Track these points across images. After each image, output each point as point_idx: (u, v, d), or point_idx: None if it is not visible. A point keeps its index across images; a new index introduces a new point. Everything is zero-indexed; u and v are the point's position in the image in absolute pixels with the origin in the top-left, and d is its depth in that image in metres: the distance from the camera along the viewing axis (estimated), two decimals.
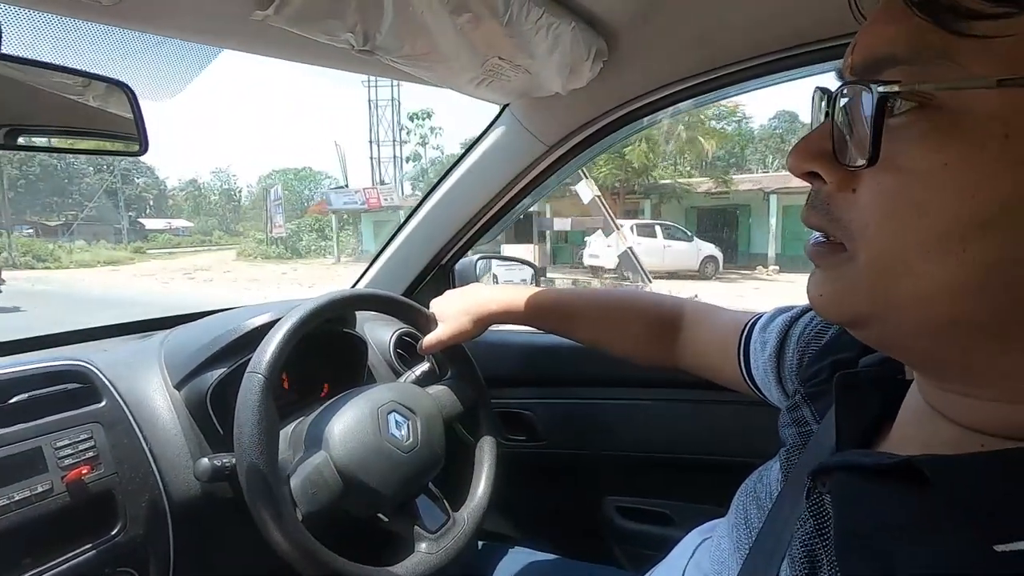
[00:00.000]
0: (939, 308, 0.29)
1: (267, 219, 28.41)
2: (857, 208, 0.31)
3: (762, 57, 0.79)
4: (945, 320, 0.29)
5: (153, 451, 0.78)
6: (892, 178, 0.29)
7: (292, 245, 25.88)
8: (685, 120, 17.43)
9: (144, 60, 0.64)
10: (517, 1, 0.64)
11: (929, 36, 0.27)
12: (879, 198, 0.30)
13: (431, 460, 0.85)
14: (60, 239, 30.80)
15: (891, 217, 0.29)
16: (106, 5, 0.50)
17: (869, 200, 0.31)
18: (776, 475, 0.49)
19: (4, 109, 0.60)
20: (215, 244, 36.82)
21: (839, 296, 0.33)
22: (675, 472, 1.13)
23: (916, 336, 0.31)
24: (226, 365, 0.85)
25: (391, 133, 27.22)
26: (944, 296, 0.29)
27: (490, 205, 1.15)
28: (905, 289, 0.30)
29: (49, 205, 38.54)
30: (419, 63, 0.71)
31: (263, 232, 29.76)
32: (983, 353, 0.30)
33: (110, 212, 38.81)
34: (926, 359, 0.34)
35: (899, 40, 0.29)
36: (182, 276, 19.25)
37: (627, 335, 0.85)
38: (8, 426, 0.68)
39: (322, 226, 27.02)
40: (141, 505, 0.75)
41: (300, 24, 0.58)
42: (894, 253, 0.30)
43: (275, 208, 27.42)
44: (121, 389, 0.80)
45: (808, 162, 0.34)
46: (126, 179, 39.43)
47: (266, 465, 0.67)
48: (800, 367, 0.59)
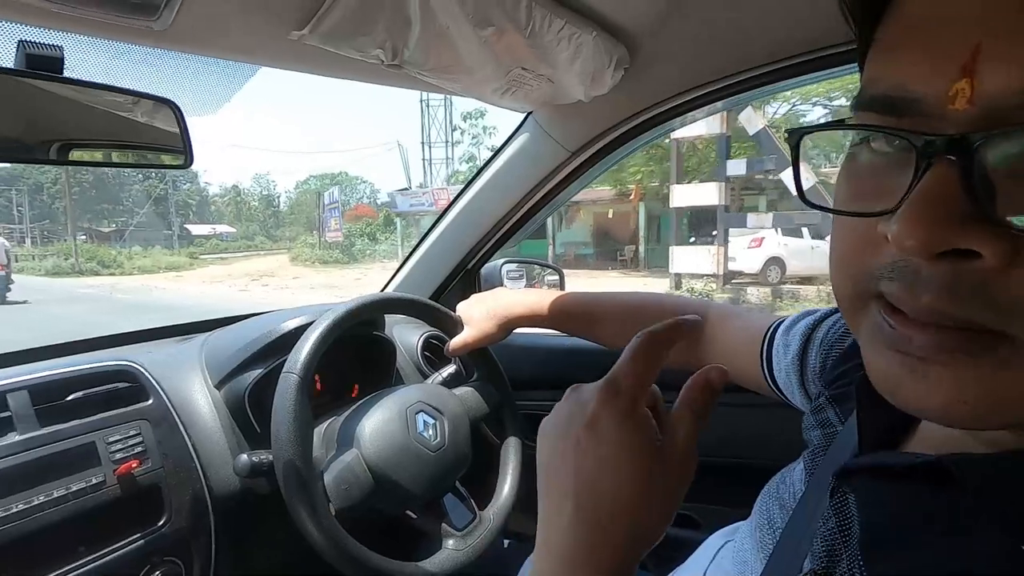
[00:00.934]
0: None
1: (320, 223, 28.24)
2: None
3: (781, 62, 0.79)
4: None
5: (196, 447, 0.82)
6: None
7: (346, 249, 25.72)
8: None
9: (189, 78, 0.68)
10: (539, 13, 0.66)
11: None
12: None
13: (458, 459, 0.87)
14: (113, 245, 31.57)
15: None
16: (157, 31, 0.55)
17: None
18: (799, 476, 0.48)
19: (60, 127, 0.65)
20: (259, 249, 37.27)
21: (1008, 402, 0.25)
22: (701, 475, 1.12)
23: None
24: (263, 366, 0.89)
25: (443, 134, 26.48)
26: None
27: (515, 210, 1.17)
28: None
29: (101, 212, 39.82)
30: (444, 75, 0.74)
31: (311, 236, 29.73)
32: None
33: (159, 218, 39.72)
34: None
35: None
36: (249, 281, 18.68)
37: None
38: (66, 422, 0.73)
39: (372, 230, 27.00)
40: (185, 498, 0.79)
41: (333, 42, 0.62)
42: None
43: (329, 212, 27.37)
44: (166, 388, 0.84)
45: (957, 234, 0.23)
46: (173, 186, 40.57)
47: (301, 461, 0.71)
48: (823, 370, 0.58)
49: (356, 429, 0.79)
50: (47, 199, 38.98)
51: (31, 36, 0.53)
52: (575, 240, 19.62)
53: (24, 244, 33.43)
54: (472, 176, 1.19)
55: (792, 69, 0.79)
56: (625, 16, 0.76)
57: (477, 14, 0.63)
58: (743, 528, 0.53)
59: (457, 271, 1.29)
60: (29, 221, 36.48)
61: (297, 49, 0.63)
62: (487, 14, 0.64)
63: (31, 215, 36.93)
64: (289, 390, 0.73)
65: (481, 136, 27.25)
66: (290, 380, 0.74)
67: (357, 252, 25.46)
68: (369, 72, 0.73)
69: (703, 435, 1.12)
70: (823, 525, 0.37)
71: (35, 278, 21.16)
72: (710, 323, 0.81)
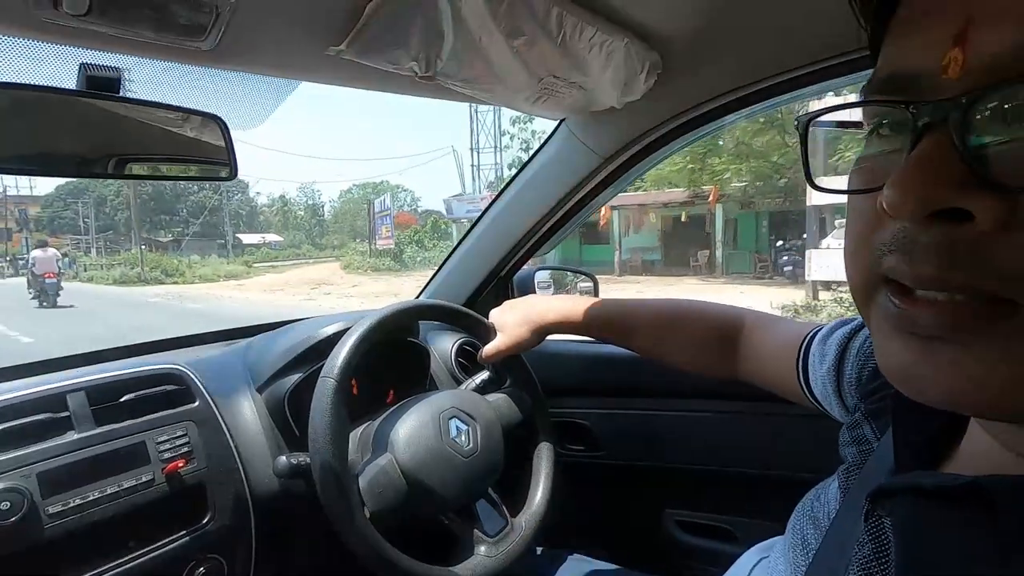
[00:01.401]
0: None
1: (370, 231, 28.25)
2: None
3: (813, 65, 0.77)
4: None
5: (238, 448, 0.85)
6: None
7: (396, 256, 25.70)
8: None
9: (234, 94, 0.71)
10: (570, 21, 0.67)
11: None
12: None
13: (490, 465, 0.87)
14: (171, 254, 32.77)
15: None
16: (205, 51, 0.58)
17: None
18: (834, 494, 0.46)
19: (118, 142, 0.69)
20: (307, 257, 38.03)
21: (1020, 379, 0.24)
22: (738, 487, 1.10)
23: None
24: (302, 371, 0.91)
25: (491, 139, 26.32)
26: None
27: (547, 217, 1.17)
28: None
29: (158, 223, 41.52)
30: (477, 85, 0.75)
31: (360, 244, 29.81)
32: None
33: (212, 228, 41.13)
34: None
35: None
36: (309, 290, 18.28)
37: (686, 345, 0.84)
38: (120, 422, 0.77)
39: (420, 237, 27.03)
40: (228, 498, 0.82)
41: (369, 56, 0.64)
42: None
43: (380, 220, 27.23)
44: (211, 391, 0.88)
45: (950, 194, 0.24)
46: (227, 196, 41.91)
47: (338, 463, 0.72)
48: (859, 382, 0.56)
49: (391, 433, 0.81)
50: (110, 211, 40.97)
51: (91, 59, 0.57)
52: (642, 245, 18.80)
53: (90, 254, 35.09)
54: (506, 183, 1.20)
55: (828, 71, 0.77)
56: (657, 22, 0.76)
57: (508, 24, 0.64)
58: (778, 546, 0.52)
59: (490, 278, 1.30)
60: (95, 232, 38.31)
61: (335, 64, 0.65)
62: (518, 24, 0.65)
63: (96, 226, 38.78)
64: (326, 393, 0.75)
65: (530, 141, 26.66)
66: (327, 384, 0.76)
67: (407, 259, 25.53)
68: (404, 84, 0.75)
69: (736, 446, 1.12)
70: (858, 551, 0.35)
71: (104, 287, 21.87)
72: (746, 331, 0.80)
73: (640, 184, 19.32)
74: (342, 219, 49.51)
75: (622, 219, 18.16)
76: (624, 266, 17.69)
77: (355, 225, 46.86)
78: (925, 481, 0.32)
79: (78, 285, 21.98)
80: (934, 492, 0.30)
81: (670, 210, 17.53)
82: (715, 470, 1.12)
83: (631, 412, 1.21)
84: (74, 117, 0.64)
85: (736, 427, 1.09)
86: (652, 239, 18.76)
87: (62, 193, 40.59)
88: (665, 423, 1.17)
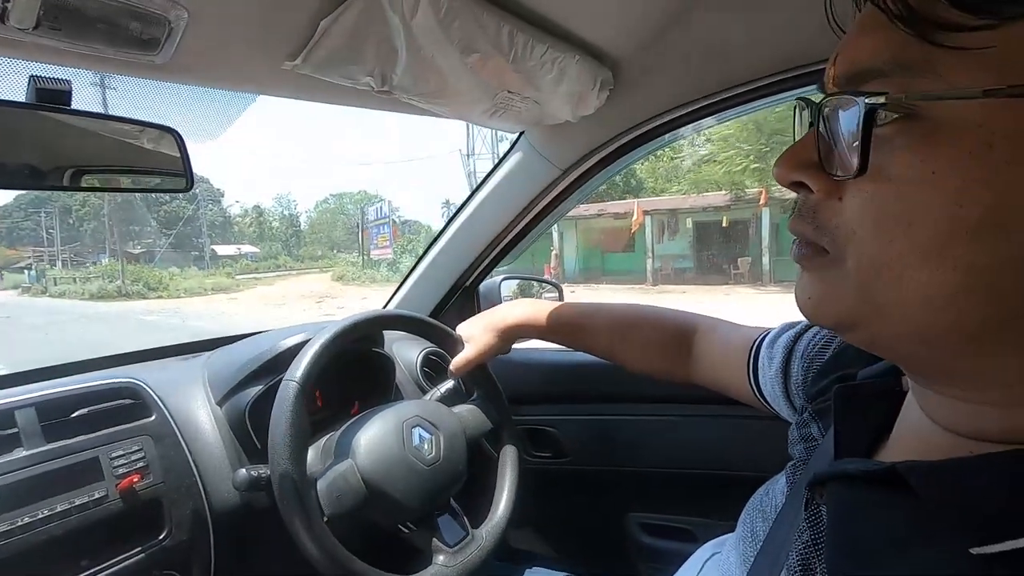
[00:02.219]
0: (926, 314, 0.29)
1: (363, 240, 26.71)
2: (843, 216, 0.32)
3: (760, 80, 0.82)
4: (933, 325, 0.30)
5: (197, 462, 0.84)
6: (879, 187, 0.30)
7: (392, 265, 24.20)
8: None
9: (191, 108, 0.71)
10: (521, 39, 0.70)
11: (911, 48, 0.28)
12: (867, 206, 0.30)
13: (452, 475, 0.88)
14: (145, 266, 30.15)
15: (879, 225, 0.30)
16: (159, 64, 0.58)
17: (856, 208, 0.31)
18: (782, 488, 0.49)
19: (71, 155, 0.69)
20: (287, 268, 36.54)
21: (827, 299, 0.34)
22: (699, 487, 1.13)
23: (904, 340, 0.32)
24: (263, 383, 0.91)
25: (488, 145, 24.56)
26: (931, 302, 0.29)
27: (510, 228, 1.20)
28: (892, 295, 0.30)
29: (127, 233, 38.37)
30: (433, 99, 0.77)
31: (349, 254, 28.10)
32: (972, 358, 0.30)
33: (186, 239, 38.85)
34: (915, 363, 0.34)
35: (882, 53, 0.29)
36: (313, 303, 16.77)
37: (641, 348, 0.87)
38: (71, 437, 0.75)
39: (415, 247, 25.53)
40: (186, 512, 0.80)
41: (324, 71, 0.65)
42: (882, 260, 0.30)
43: (377, 228, 26.04)
44: (169, 405, 0.87)
45: (795, 172, 0.34)
46: (198, 206, 39.90)
47: (296, 470, 0.72)
48: (806, 383, 0.59)
49: (352, 441, 0.81)
50: (75, 221, 38.67)
51: (41, 71, 0.57)
52: (675, 252, 17.37)
53: (55, 266, 32.78)
54: (469, 194, 1.22)
55: (773, 87, 0.82)
56: (606, 40, 0.79)
57: (461, 42, 0.66)
58: (729, 540, 0.54)
59: (456, 288, 1.32)
60: (60, 244, 36.07)
61: (291, 78, 0.66)
62: (470, 41, 0.67)
63: (61, 237, 36.54)
64: (288, 398, 0.74)
65: None
66: (289, 388, 0.75)
67: (405, 269, 24.62)
68: (361, 98, 0.77)
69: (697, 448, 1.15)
70: (798, 539, 0.38)
71: (82, 303, 19.57)
72: (699, 336, 0.82)
73: (675, 187, 19.02)
74: (319, 229, 48.29)
75: (655, 224, 17.15)
76: (656, 275, 16.65)
77: (332, 236, 45.76)
78: (851, 467, 0.35)
79: (48, 302, 19.72)
80: (859, 477, 0.34)
81: (707, 215, 16.56)
82: (678, 472, 1.14)
83: (597, 418, 1.23)
84: (27, 129, 0.63)
85: (698, 430, 1.12)
86: (685, 246, 17.52)
87: (22, 203, 38.57)
88: (630, 428, 1.19)
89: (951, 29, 0.26)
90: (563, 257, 19.20)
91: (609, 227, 18.64)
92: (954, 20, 0.26)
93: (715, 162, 15.55)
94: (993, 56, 0.26)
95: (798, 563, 0.36)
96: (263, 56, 0.63)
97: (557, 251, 19.23)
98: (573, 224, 19.14)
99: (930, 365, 0.33)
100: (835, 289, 0.33)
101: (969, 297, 0.28)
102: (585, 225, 19.20)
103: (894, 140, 0.29)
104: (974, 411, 0.32)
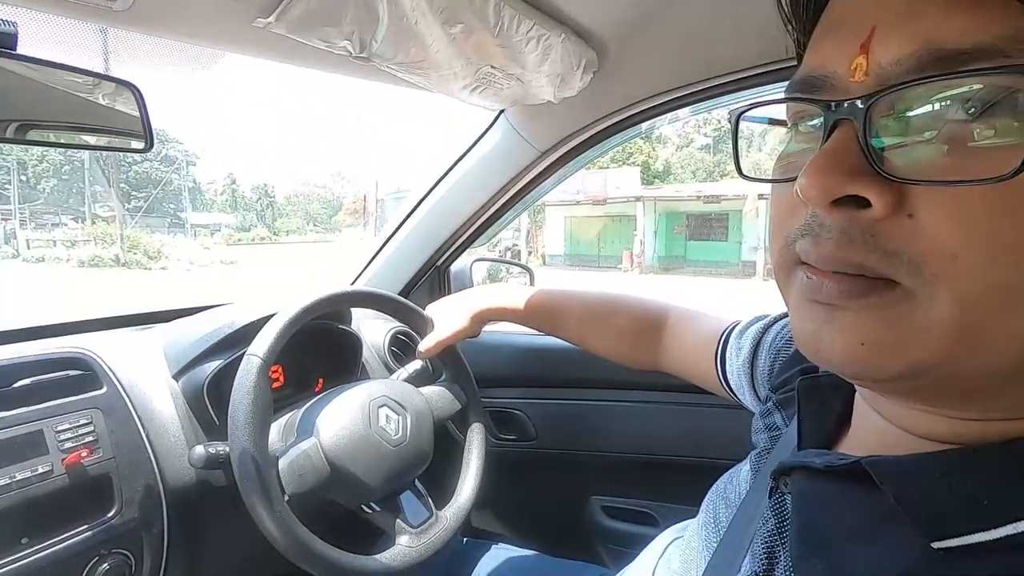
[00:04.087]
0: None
1: (376, 216, 24.58)
2: (924, 236, 0.26)
3: (749, 70, 0.82)
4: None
5: (150, 438, 0.80)
6: (979, 194, 0.24)
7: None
8: None
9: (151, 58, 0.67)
10: (508, 13, 0.67)
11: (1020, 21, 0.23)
12: (979, 222, 0.24)
13: (418, 456, 0.87)
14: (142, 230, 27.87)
15: (986, 242, 0.24)
16: (116, 10, 0.54)
17: (945, 224, 0.25)
18: (745, 476, 0.50)
19: (17, 105, 0.63)
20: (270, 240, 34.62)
21: (898, 345, 0.27)
22: (660, 473, 1.15)
23: (981, 378, 0.28)
24: (223, 357, 0.87)
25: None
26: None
27: (484, 208, 1.18)
28: (1002, 330, 0.26)
29: (94, 196, 34.86)
30: (413, 70, 0.74)
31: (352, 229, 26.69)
32: (1010, 388, 0.28)
33: (158, 203, 35.75)
34: (932, 394, 0.30)
35: (991, 27, 0.24)
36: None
37: (612, 334, 0.87)
38: (11, 409, 0.71)
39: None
40: (137, 489, 0.77)
41: (299, 31, 0.61)
42: (993, 286, 0.25)
43: (395, 202, 23.23)
44: (121, 377, 0.82)
45: (846, 183, 0.27)
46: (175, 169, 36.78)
47: (257, 448, 0.70)
48: (771, 374, 0.60)
49: (316, 419, 0.79)
50: (31, 178, 35.02)
51: None
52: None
53: (27, 228, 29.21)
54: (444, 172, 1.19)
55: (756, 79, 0.82)
56: (593, 21, 0.78)
57: (446, 11, 0.64)
58: (691, 526, 0.55)
59: (426, 268, 1.29)
60: (19, 202, 32.39)
61: (263, 37, 0.62)
62: (456, 12, 0.65)
63: (21, 195, 32.96)
64: (250, 372, 0.72)
65: None
66: (252, 362, 0.73)
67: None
68: (336, 64, 0.73)
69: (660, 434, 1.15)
70: (762, 526, 0.38)
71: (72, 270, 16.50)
72: (670, 323, 0.83)
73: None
74: (295, 202, 46.62)
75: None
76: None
77: (310, 209, 44.15)
78: (815, 461, 0.35)
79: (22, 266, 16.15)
80: (823, 470, 0.34)
81: None
82: (641, 457, 1.16)
83: (564, 402, 1.24)
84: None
85: (662, 416, 1.13)
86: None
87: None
88: (596, 413, 1.20)
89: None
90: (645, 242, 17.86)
91: (697, 211, 17.42)
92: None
93: None
94: None
95: (762, 550, 0.37)
96: (234, 11, 0.59)
97: (641, 236, 17.90)
98: (653, 205, 17.76)
99: (949, 394, 0.30)
100: (912, 331, 0.27)
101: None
102: (666, 207, 17.81)
103: (992, 133, 0.24)
104: (949, 423, 0.31)
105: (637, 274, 17.65)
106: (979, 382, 0.28)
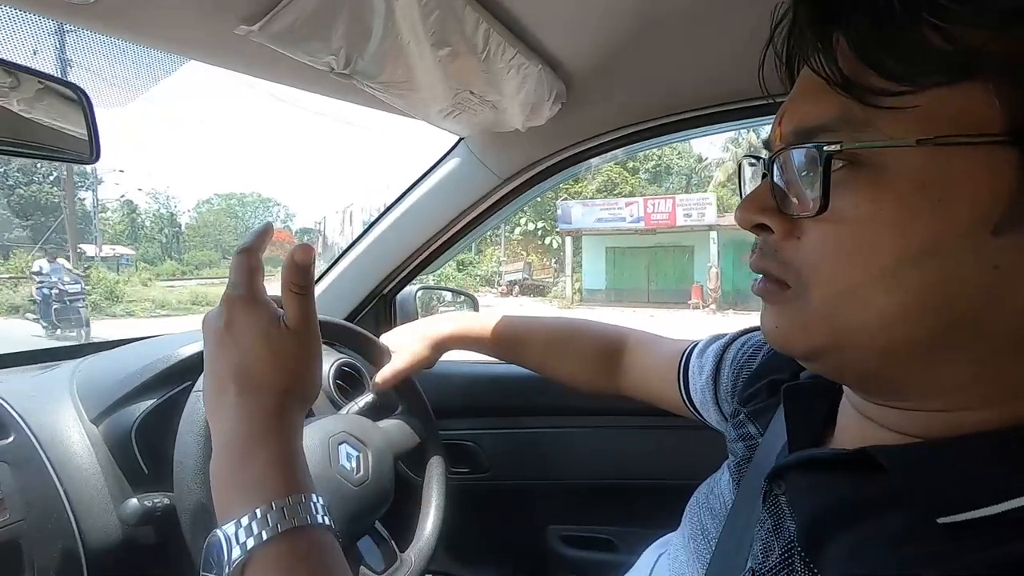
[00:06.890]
0: (886, 332, 0.33)
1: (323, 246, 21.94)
2: (805, 252, 0.36)
3: (706, 109, 0.88)
4: (892, 341, 0.34)
5: (68, 493, 0.69)
6: (836, 225, 0.34)
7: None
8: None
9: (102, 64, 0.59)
10: (495, 40, 0.68)
11: (853, 109, 0.32)
12: (827, 242, 0.35)
13: (380, 496, 0.81)
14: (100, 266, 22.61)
15: (839, 257, 0.34)
16: (78, 4, 0.47)
17: (818, 244, 0.35)
18: (727, 485, 0.52)
19: None
20: (181, 276, 30.34)
21: (795, 329, 0.37)
22: (618, 498, 1.16)
23: (866, 360, 0.35)
24: (155, 396, 0.78)
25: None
26: (889, 322, 0.33)
27: (438, 236, 1.16)
28: (856, 319, 0.34)
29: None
30: (393, 90, 0.72)
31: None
32: (926, 369, 0.34)
33: (39, 232, 29.16)
34: (875, 382, 0.38)
35: (829, 113, 0.34)
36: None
37: (572, 360, 0.88)
38: None
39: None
40: (52, 555, 0.66)
41: (283, 43, 0.58)
42: (844, 288, 0.34)
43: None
44: (31, 423, 0.71)
45: (757, 215, 0.38)
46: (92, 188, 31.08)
47: (210, 497, 0.62)
48: (735, 388, 0.63)
49: None
50: None
51: None
52: None
53: None
54: (396, 198, 1.16)
55: (715, 117, 0.88)
56: (566, 54, 0.80)
57: (437, 33, 0.63)
58: (674, 540, 0.55)
59: (372, 296, 1.24)
60: None
61: (240, 46, 0.57)
62: (446, 35, 0.64)
63: None
64: (202, 411, 0.64)
65: None
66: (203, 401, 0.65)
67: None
68: (312, 79, 0.69)
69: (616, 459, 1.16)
70: (759, 529, 0.40)
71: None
72: (629, 350, 0.85)
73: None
74: (204, 232, 42.09)
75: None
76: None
77: (221, 240, 40.09)
78: (819, 453, 0.40)
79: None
80: (829, 461, 0.39)
81: None
82: (597, 483, 1.17)
83: (518, 431, 1.22)
84: None
85: (618, 441, 1.15)
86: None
87: None
88: (551, 441, 1.19)
89: (881, 94, 0.31)
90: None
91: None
92: (882, 86, 0.31)
93: None
94: (919, 113, 0.30)
95: (761, 551, 0.39)
96: (215, 16, 0.54)
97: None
98: (716, 235, 16.62)
99: (888, 382, 0.36)
100: (801, 320, 0.37)
101: (920, 313, 0.32)
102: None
103: (845, 183, 0.33)
104: (920, 417, 0.36)
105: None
106: (879, 366, 0.35)
